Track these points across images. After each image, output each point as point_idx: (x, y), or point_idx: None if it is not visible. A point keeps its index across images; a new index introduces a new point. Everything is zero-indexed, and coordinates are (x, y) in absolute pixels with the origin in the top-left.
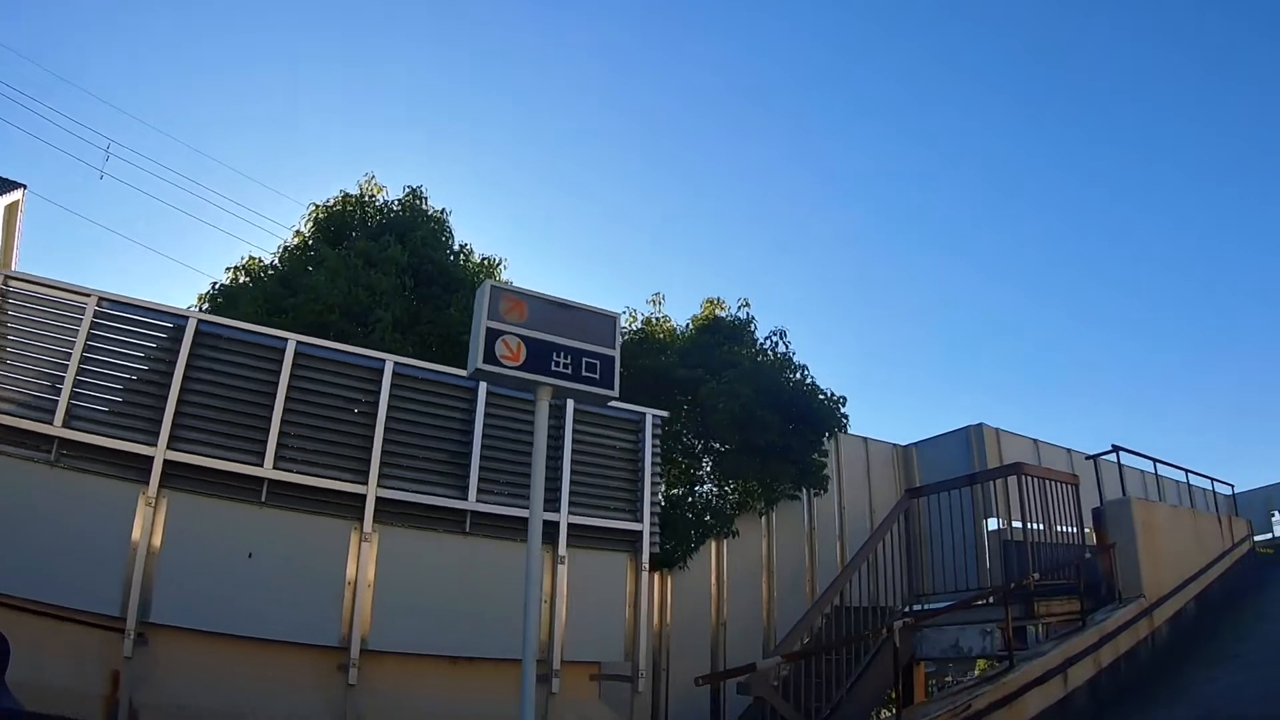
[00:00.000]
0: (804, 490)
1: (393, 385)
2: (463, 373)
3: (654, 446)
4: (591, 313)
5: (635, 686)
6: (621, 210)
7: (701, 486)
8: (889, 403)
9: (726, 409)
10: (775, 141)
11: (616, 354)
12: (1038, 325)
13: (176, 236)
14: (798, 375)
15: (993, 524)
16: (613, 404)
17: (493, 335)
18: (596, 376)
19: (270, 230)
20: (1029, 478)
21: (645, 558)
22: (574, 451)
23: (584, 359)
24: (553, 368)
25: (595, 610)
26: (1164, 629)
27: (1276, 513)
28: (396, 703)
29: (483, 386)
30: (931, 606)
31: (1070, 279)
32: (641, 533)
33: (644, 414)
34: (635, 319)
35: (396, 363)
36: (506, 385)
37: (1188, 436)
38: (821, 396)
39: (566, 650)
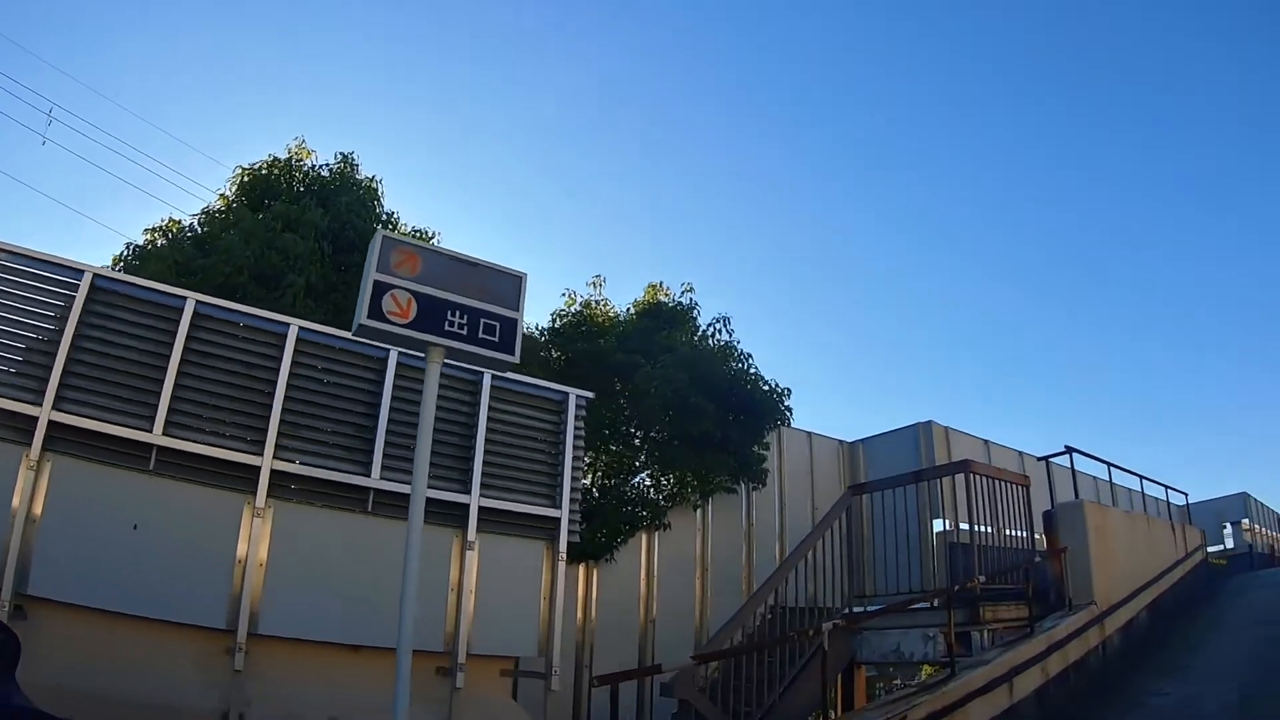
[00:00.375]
0: (742, 484)
1: (296, 351)
2: (372, 341)
3: (578, 429)
4: (495, 271)
5: (549, 684)
6: (580, 194)
7: (634, 476)
8: (842, 401)
9: (659, 394)
10: (737, 126)
11: (520, 317)
12: (1001, 330)
13: (114, 204)
14: (740, 364)
15: (940, 525)
16: (534, 382)
17: (381, 289)
18: (495, 340)
19: (206, 196)
20: (977, 477)
21: (563, 546)
22: (489, 430)
23: (482, 320)
24: (446, 327)
25: (507, 601)
26: (1115, 638)
27: (1228, 525)
28: (286, 692)
29: (393, 357)
30: (873, 609)
31: (1033, 288)
32: (560, 520)
33: (567, 394)
34: (574, 301)
35: (301, 328)
36: (394, 344)
37: (1138, 448)
38: (764, 387)
39: (474, 643)
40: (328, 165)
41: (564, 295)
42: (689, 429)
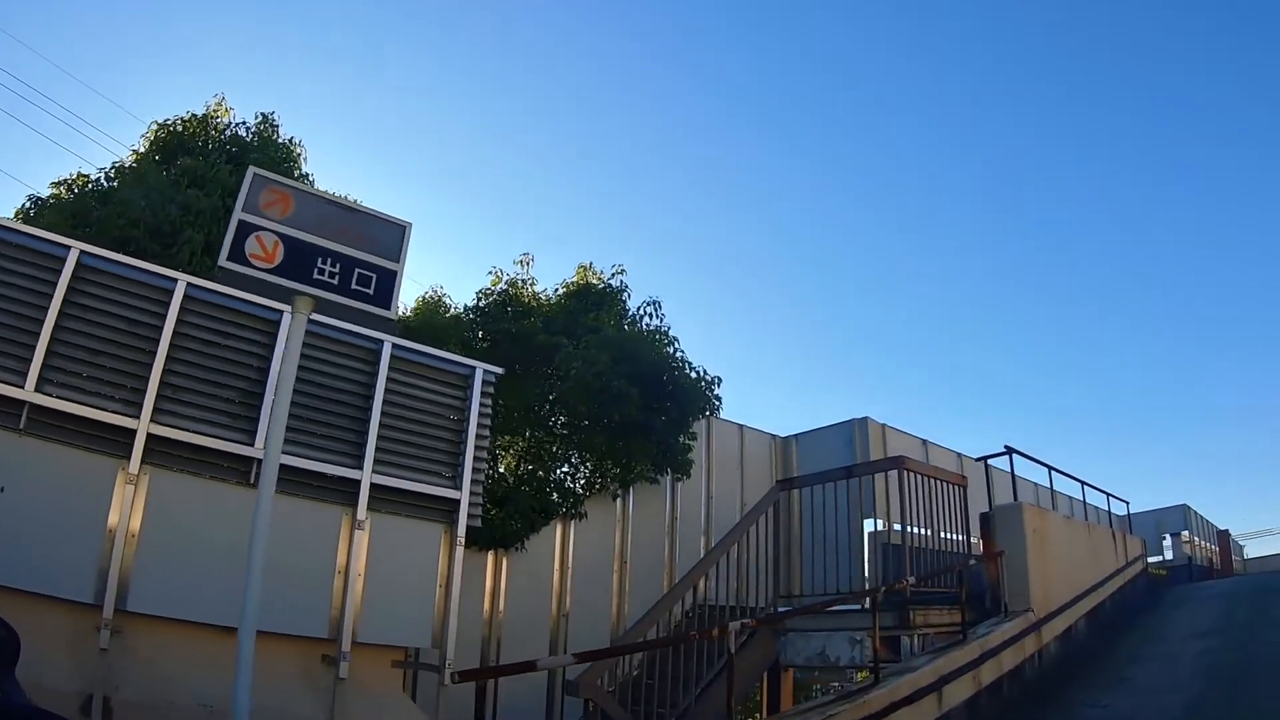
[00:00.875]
0: (667, 474)
1: (182, 308)
2: (266, 303)
3: (484, 406)
4: (377, 219)
5: (442, 678)
6: (522, 177)
7: (554, 463)
8: (783, 401)
9: (579, 377)
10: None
11: (400, 269)
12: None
13: (23, 157)
14: (668, 349)
15: (872, 525)
16: (439, 354)
17: (245, 230)
18: (370, 292)
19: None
20: (911, 474)
21: (462, 530)
22: (387, 402)
23: (358, 270)
24: (315, 275)
25: (400, 587)
26: (1053, 646)
27: (1168, 536)
28: (157, 676)
29: (287, 320)
30: (788, 610)
31: (983, 296)
32: (460, 502)
33: (474, 368)
34: (500, 280)
35: (190, 284)
36: (256, 291)
37: (1083, 459)
38: (692, 374)
39: (362, 630)
40: (247, 124)
41: (490, 273)
42: (609, 413)
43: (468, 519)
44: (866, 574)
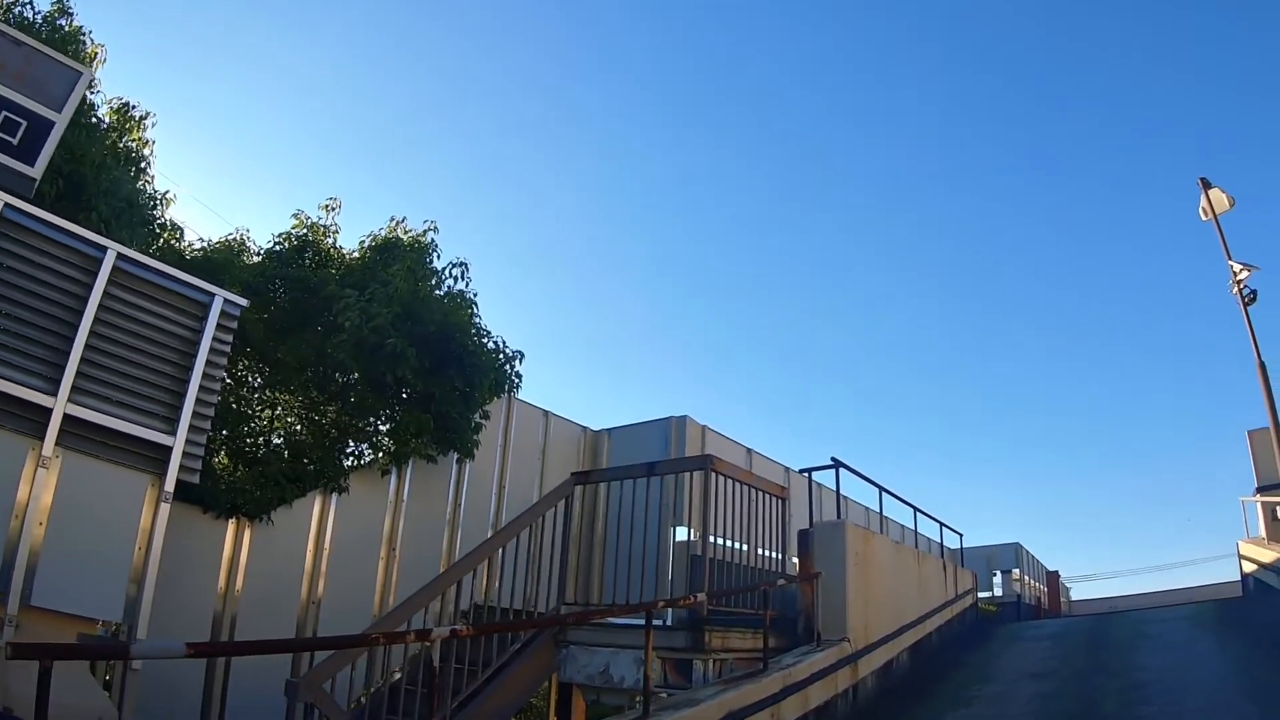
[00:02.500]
0: (450, 454)
1: None
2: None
3: (219, 342)
4: (49, 59)
5: (127, 661)
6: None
7: (326, 426)
8: (616, 402)
9: (353, 329)
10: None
11: (61, 122)
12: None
13: None
14: (466, 314)
15: (683, 534)
16: (172, 272)
17: None
18: (14, 141)
19: None
20: (722, 478)
21: (170, 484)
22: (100, 321)
23: (4, 112)
24: None
25: (91, 544)
26: (870, 682)
27: (999, 572)
28: None
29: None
30: (602, 622)
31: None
32: (173, 450)
33: (213, 295)
34: (303, 224)
35: None
36: None
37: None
38: (488, 344)
39: (37, 591)
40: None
41: (294, 216)
42: (383, 375)
43: (184, 472)
44: (671, 587)
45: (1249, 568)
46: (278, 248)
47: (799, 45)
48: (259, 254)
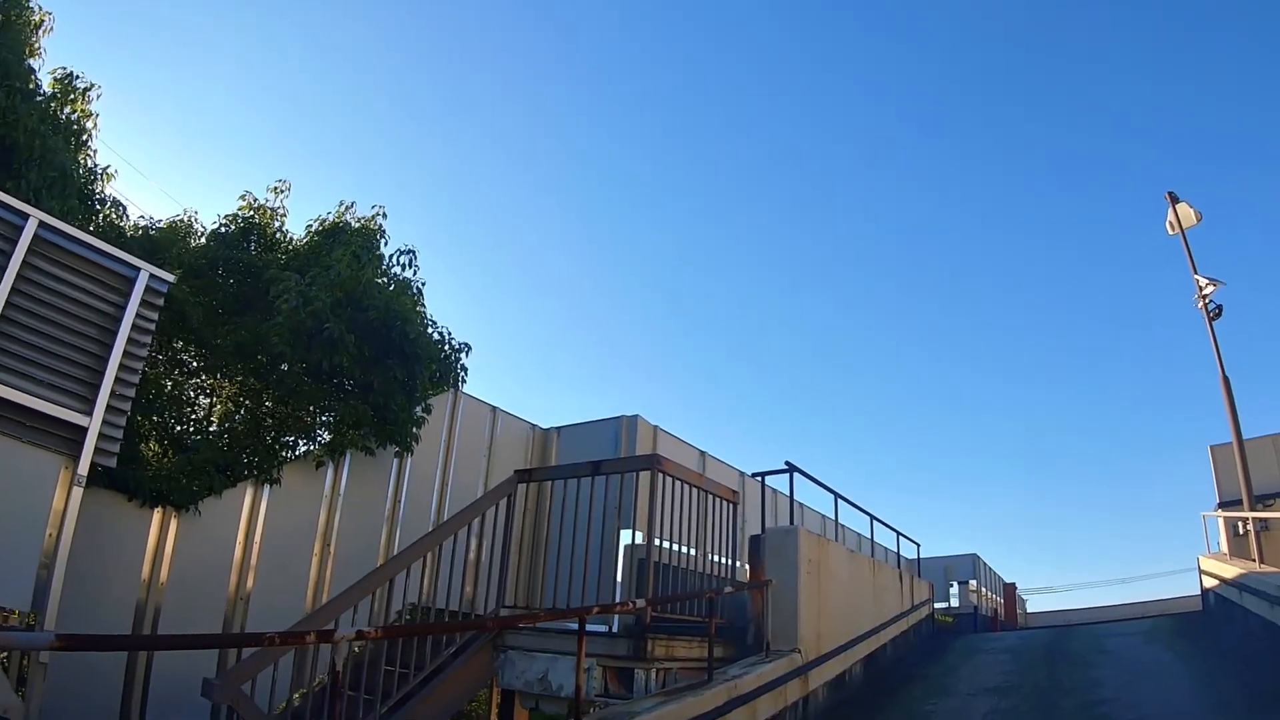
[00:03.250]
0: (388, 447)
1: None
2: None
3: (145, 319)
4: None
5: (37, 655)
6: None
7: (260, 415)
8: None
9: (289, 313)
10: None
11: None
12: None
13: None
14: (409, 300)
15: (631, 537)
16: (96, 244)
17: None
18: None
19: None
20: (669, 479)
21: (84, 467)
22: (15, 290)
23: None
24: None
25: None
26: (822, 695)
27: (956, 583)
28: None
29: None
30: (544, 626)
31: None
32: (88, 431)
33: (138, 269)
34: (251, 206)
35: None
36: None
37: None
38: (434, 334)
39: None
40: None
41: (241, 198)
42: (320, 362)
43: (100, 455)
44: (617, 592)
45: (1210, 583)
46: (223, 229)
47: (752, 32)
48: (204, 236)
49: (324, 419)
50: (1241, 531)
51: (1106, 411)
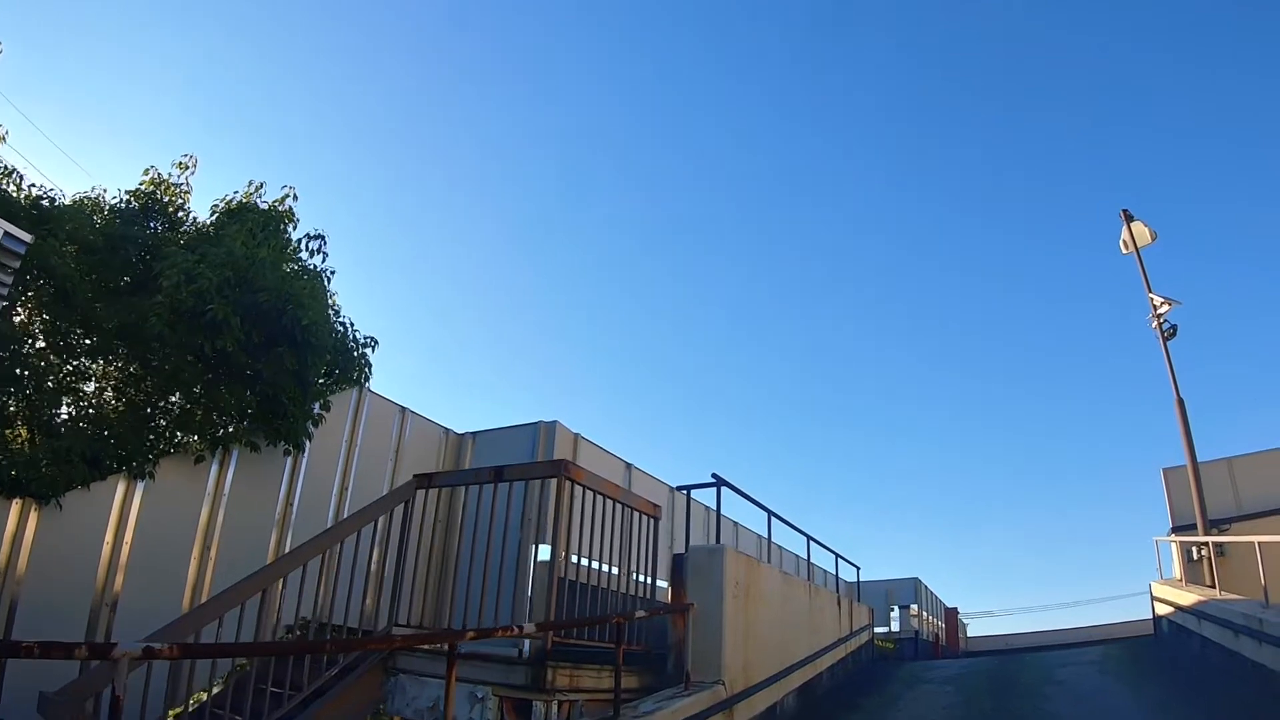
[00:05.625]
0: (281, 445)
1: None
2: None
3: None
4: None
5: None
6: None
7: (134, 400)
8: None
9: (171, 290)
10: None
11: None
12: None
13: None
14: (304, 282)
15: (547, 552)
16: None
17: None
18: None
19: None
20: (578, 487)
21: None
22: None
23: None
24: None
25: None
26: None
27: (897, 607)
28: None
29: None
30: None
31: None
32: None
33: None
34: (154, 181)
35: None
36: None
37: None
38: (337, 324)
39: None
40: None
41: (145, 172)
42: (201, 346)
43: None
44: (531, 612)
45: (1164, 610)
46: (124, 205)
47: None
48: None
49: (205, 410)
50: (1196, 557)
51: (1054, 437)
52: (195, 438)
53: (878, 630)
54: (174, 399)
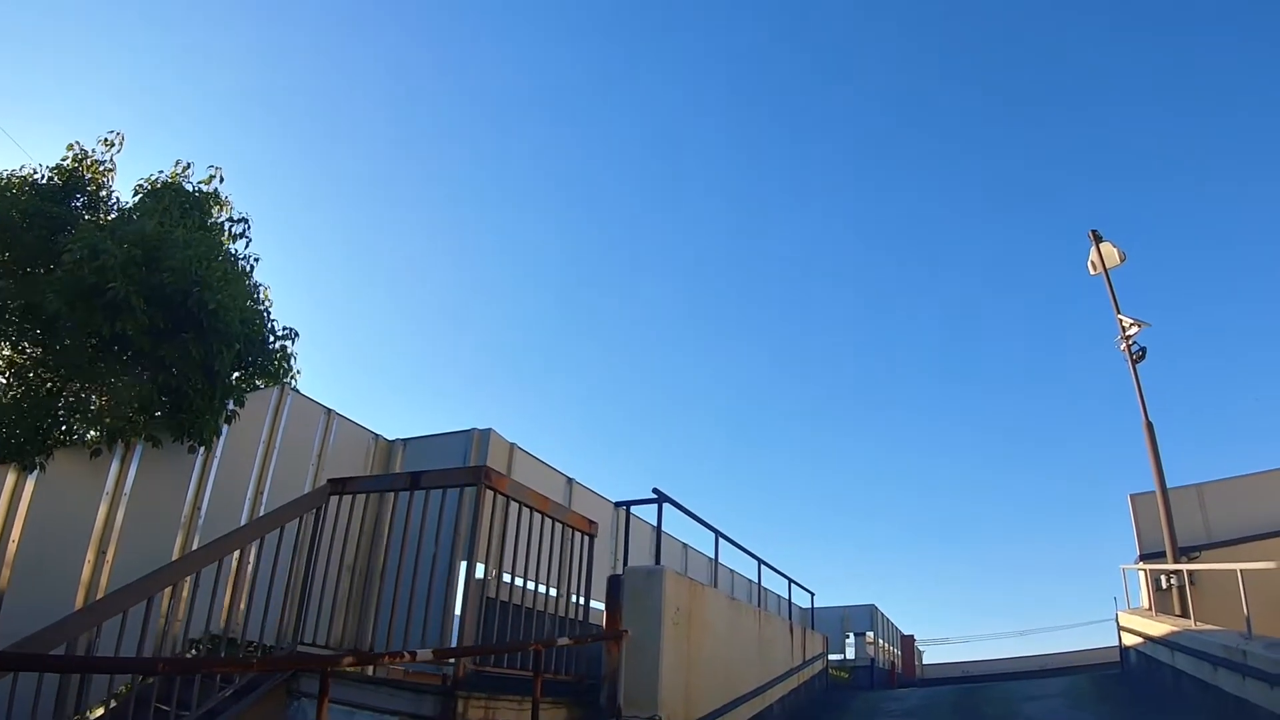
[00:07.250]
0: (185, 442)
1: None
2: None
3: None
4: None
5: None
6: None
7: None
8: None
9: (73, 266)
10: None
11: None
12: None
13: None
14: (217, 267)
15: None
16: None
17: None
18: None
19: None
20: (502, 497)
21: None
22: None
23: None
24: None
25: None
26: None
27: (852, 634)
28: None
29: None
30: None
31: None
32: None
33: None
34: (76, 158)
35: None
36: None
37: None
38: (257, 309)
39: None
40: None
41: (68, 148)
42: (100, 327)
43: None
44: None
45: (1132, 640)
46: (41, 180)
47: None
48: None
49: (102, 398)
50: (1165, 585)
51: (1014, 464)
52: (94, 430)
53: (832, 657)
54: (74, 385)
